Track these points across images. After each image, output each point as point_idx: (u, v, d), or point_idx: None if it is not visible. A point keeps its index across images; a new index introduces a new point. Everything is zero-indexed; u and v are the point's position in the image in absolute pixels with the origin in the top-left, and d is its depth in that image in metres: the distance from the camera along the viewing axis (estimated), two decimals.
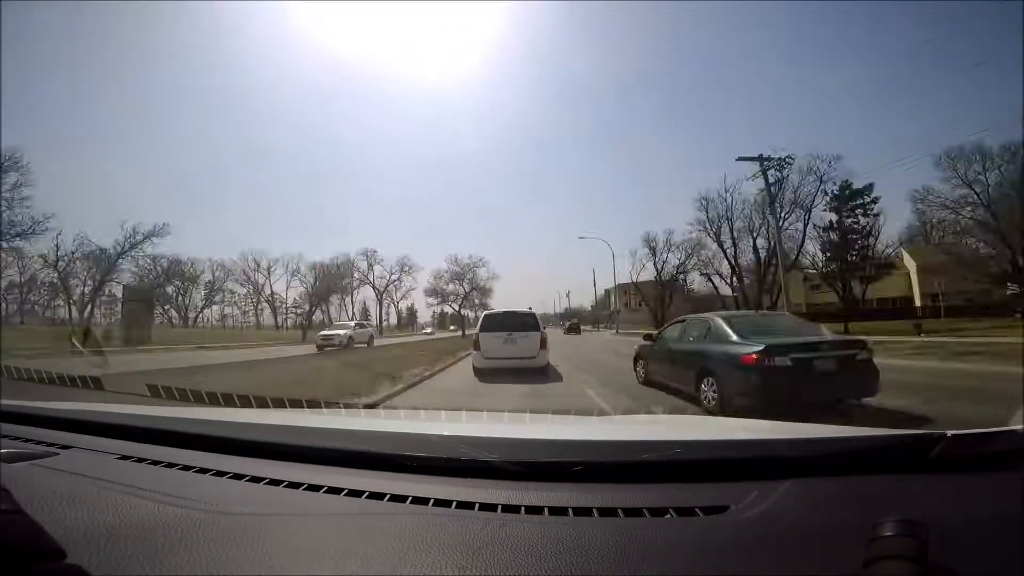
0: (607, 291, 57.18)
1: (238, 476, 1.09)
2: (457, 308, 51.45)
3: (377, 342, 27.40)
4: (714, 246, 36.44)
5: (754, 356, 5.14)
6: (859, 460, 1.02)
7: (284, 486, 1.03)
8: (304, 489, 1.01)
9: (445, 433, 1.29)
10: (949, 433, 0.96)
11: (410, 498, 0.94)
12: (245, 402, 3.08)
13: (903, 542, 0.59)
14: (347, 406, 3.76)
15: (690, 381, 6.28)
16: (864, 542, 0.62)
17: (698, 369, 6.15)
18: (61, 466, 1.19)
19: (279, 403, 3.14)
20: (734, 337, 5.80)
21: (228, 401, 3.01)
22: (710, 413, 5.27)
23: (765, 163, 20.91)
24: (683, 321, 7.72)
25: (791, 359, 5.06)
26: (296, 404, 3.35)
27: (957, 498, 0.89)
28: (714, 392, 5.69)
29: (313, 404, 3.60)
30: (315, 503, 0.96)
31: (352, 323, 29.74)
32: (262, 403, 3.06)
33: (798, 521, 0.82)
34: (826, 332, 6.48)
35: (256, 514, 0.91)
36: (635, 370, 8.76)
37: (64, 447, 1.34)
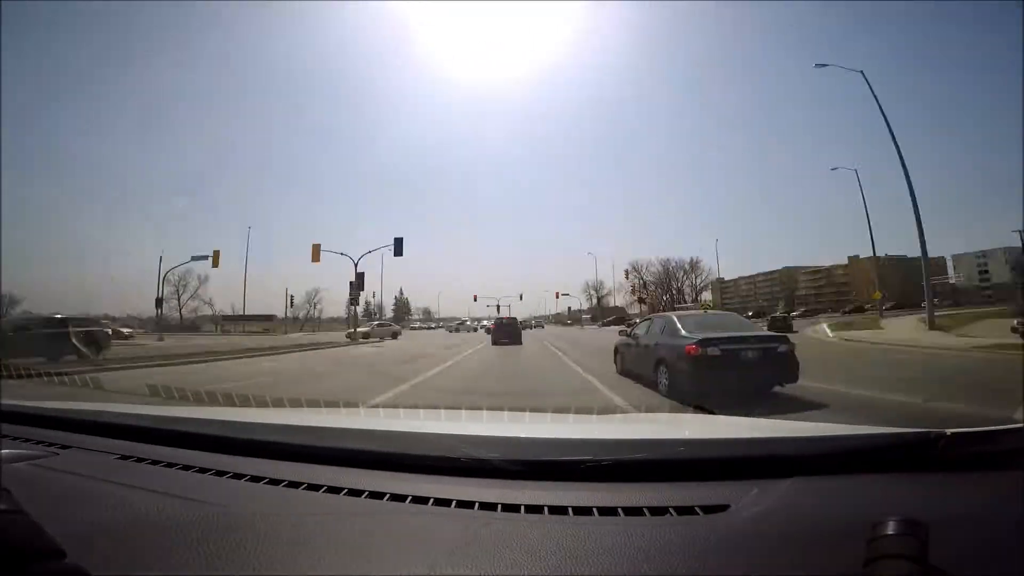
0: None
1: (238, 476, 1.09)
2: None
3: None
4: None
5: None
6: (859, 459, 1.02)
7: (284, 485, 1.03)
8: (304, 488, 1.01)
9: (445, 432, 1.29)
10: (949, 432, 0.96)
11: (410, 497, 0.94)
12: (245, 401, 3.08)
13: (903, 541, 0.59)
14: (347, 405, 3.76)
15: None
16: (864, 541, 0.61)
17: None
18: (61, 466, 1.19)
19: (279, 403, 3.14)
20: None
21: (228, 401, 3.01)
22: None
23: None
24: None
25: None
26: (296, 403, 3.34)
27: (957, 497, 0.89)
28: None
29: (313, 403, 3.60)
30: (315, 502, 0.96)
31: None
32: (262, 403, 3.06)
33: (798, 520, 0.82)
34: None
35: (256, 513, 0.90)
36: None
37: (64, 447, 1.34)
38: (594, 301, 74.84)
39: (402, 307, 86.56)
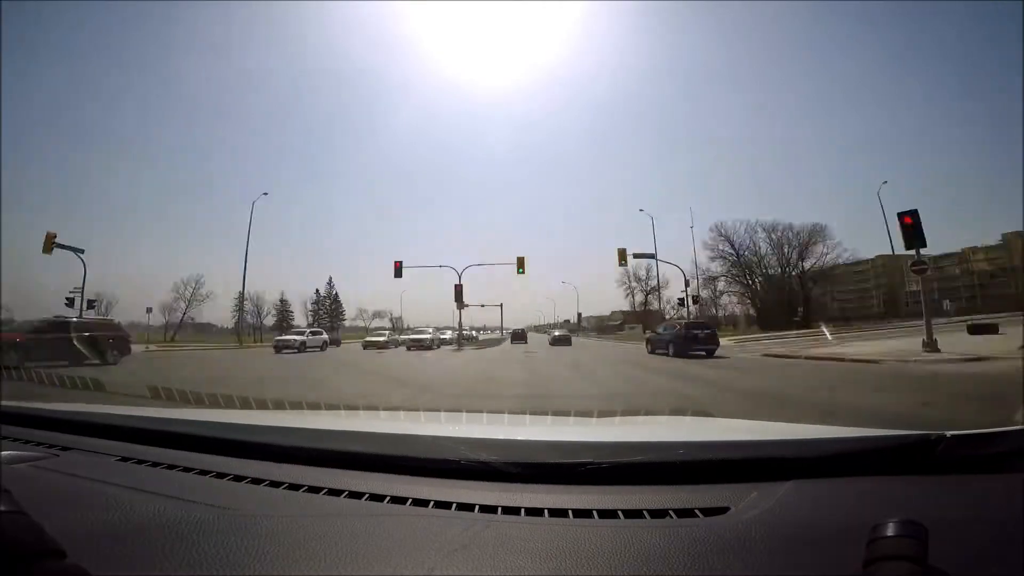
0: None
1: (238, 478, 1.09)
2: None
3: None
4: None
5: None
6: (859, 461, 1.02)
7: (284, 487, 1.03)
8: (304, 491, 1.01)
9: (445, 435, 1.29)
10: (949, 434, 0.96)
11: (410, 500, 0.94)
12: (245, 404, 3.08)
13: (903, 543, 0.59)
14: (347, 407, 3.76)
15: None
16: (864, 543, 0.61)
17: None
18: (62, 467, 1.19)
19: (279, 404, 3.14)
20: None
21: (228, 403, 3.02)
22: None
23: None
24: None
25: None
26: (296, 406, 3.35)
27: (957, 498, 0.89)
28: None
29: (313, 406, 3.60)
30: (315, 504, 0.96)
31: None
32: (262, 405, 3.06)
33: (798, 522, 0.82)
34: None
35: (256, 515, 0.91)
36: None
37: (65, 448, 1.34)
38: (639, 297, 53.43)
39: (326, 308, 59.10)
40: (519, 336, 37.92)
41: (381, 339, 27.90)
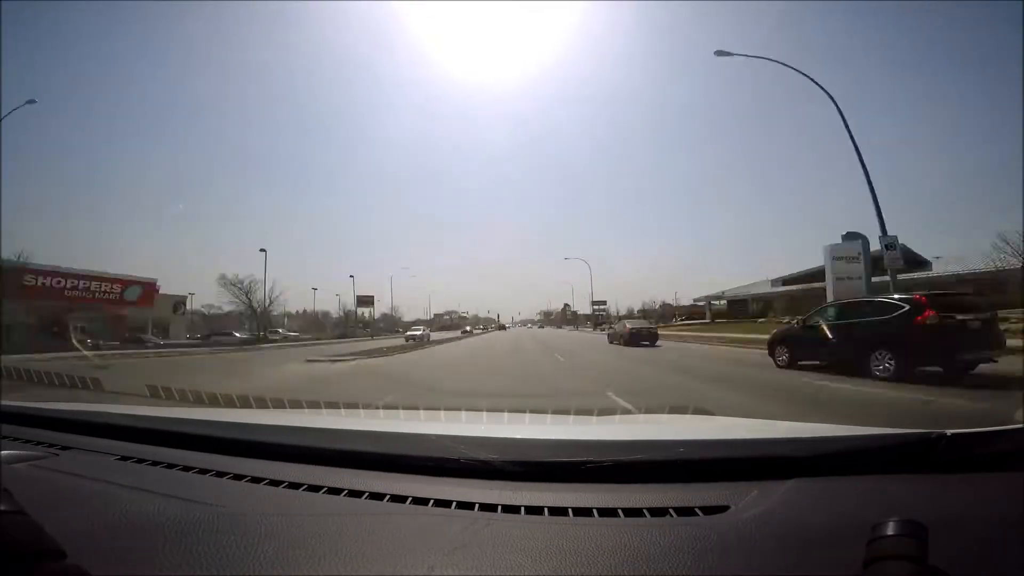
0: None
1: (238, 477, 1.09)
2: None
3: None
4: None
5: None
6: (859, 460, 1.02)
7: (284, 486, 1.03)
8: (304, 489, 1.01)
9: (445, 433, 1.28)
10: (949, 432, 0.96)
11: (410, 498, 0.95)
12: (245, 403, 3.08)
13: (903, 542, 0.59)
14: (347, 406, 3.75)
15: None
16: (864, 542, 0.61)
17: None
18: (62, 467, 1.19)
19: (279, 403, 3.14)
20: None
21: (228, 402, 3.02)
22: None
23: None
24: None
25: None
26: (296, 404, 3.35)
27: (957, 498, 0.89)
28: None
29: (313, 405, 3.60)
30: (315, 503, 0.96)
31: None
32: (262, 404, 3.06)
33: (798, 521, 0.82)
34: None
35: (256, 514, 0.90)
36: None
37: (64, 448, 1.34)
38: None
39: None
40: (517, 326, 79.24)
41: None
